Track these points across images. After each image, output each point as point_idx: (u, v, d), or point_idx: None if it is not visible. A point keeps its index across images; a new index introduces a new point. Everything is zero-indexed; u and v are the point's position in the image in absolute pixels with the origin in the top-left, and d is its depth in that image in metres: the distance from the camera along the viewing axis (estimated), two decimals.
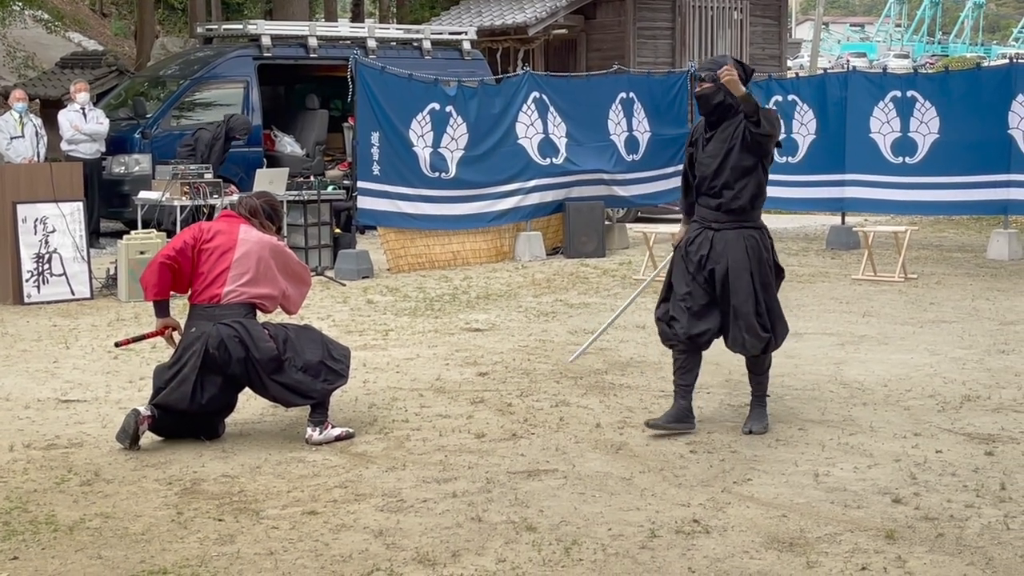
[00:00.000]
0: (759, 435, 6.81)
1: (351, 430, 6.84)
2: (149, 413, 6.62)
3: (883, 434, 6.85)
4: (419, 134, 14.28)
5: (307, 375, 6.74)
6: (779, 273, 7.10)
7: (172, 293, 6.94)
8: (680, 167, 18.19)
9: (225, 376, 6.70)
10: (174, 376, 6.66)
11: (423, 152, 14.30)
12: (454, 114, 14.59)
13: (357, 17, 37.95)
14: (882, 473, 6.10)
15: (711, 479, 6.02)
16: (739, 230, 6.85)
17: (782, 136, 16.30)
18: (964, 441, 6.70)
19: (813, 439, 6.74)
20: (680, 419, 6.86)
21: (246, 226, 6.91)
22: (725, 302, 6.79)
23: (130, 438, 6.55)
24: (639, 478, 6.04)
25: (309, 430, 6.74)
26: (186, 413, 6.68)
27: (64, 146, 15.88)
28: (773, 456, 6.41)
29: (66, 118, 15.88)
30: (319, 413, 6.77)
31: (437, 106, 14.44)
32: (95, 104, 16.94)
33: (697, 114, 17.45)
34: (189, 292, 6.90)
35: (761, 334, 6.77)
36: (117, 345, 7.65)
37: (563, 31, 26.55)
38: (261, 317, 6.98)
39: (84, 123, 15.83)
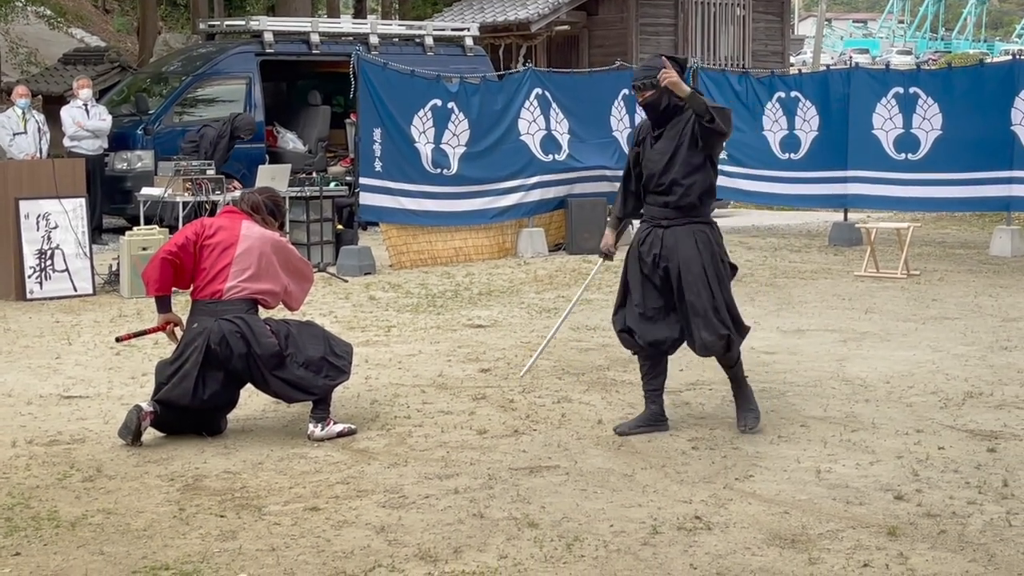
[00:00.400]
0: (762, 431, 6.80)
1: (353, 426, 6.84)
2: (151, 409, 6.62)
3: (885, 431, 6.84)
4: (421, 130, 14.27)
5: (309, 371, 6.73)
6: (732, 270, 6.96)
7: (174, 289, 6.94)
8: None
9: (227, 372, 6.70)
10: (176, 372, 6.66)
11: (425, 148, 14.30)
12: (456, 110, 14.59)
13: (359, 13, 37.93)
14: (884, 470, 6.10)
15: (713, 475, 6.02)
16: (689, 226, 6.73)
17: (784, 133, 16.46)
18: (966, 438, 6.70)
19: (815, 436, 6.74)
20: (650, 423, 6.81)
21: (248, 222, 6.91)
22: (681, 300, 6.67)
23: (132, 434, 6.55)
24: (641, 474, 6.04)
25: (311, 426, 6.74)
26: (188, 409, 6.68)
27: (67, 142, 15.88)
28: (775, 453, 6.41)
29: (69, 114, 15.88)
30: (321, 409, 6.77)
31: (439, 102, 14.43)
32: (97, 100, 16.94)
33: None
34: (191, 288, 6.90)
35: (720, 331, 6.63)
36: (118, 340, 7.66)
37: (565, 27, 26.55)
38: (263, 313, 6.97)
39: (87, 119, 15.83)
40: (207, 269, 6.78)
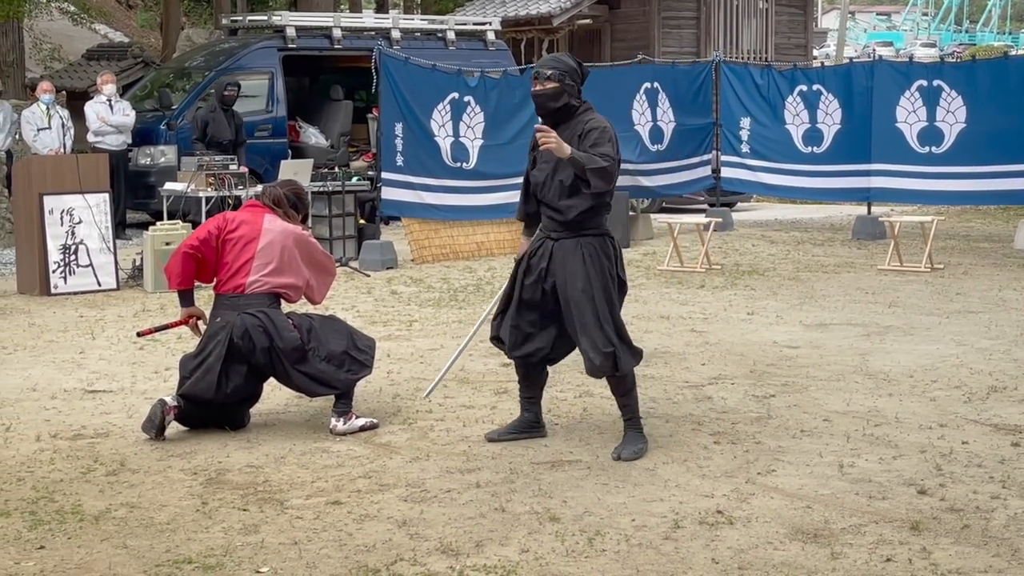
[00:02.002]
0: (777, 431, 6.79)
1: (375, 420, 6.86)
2: (175, 404, 6.65)
3: (908, 425, 6.82)
4: (440, 124, 14.27)
5: (331, 365, 6.76)
6: (622, 287, 6.47)
7: (197, 283, 6.97)
8: (705, 157, 18.28)
9: (250, 366, 6.73)
10: (199, 366, 6.70)
11: (444, 142, 14.30)
12: (472, 103, 14.58)
13: (381, 8, 37.95)
14: (907, 464, 6.08)
15: (735, 470, 6.00)
16: (578, 238, 6.30)
17: (807, 126, 16.41)
18: (990, 432, 6.67)
19: (838, 430, 6.72)
20: (523, 430, 6.61)
21: (271, 216, 6.92)
22: (568, 316, 6.29)
23: (156, 428, 6.58)
24: (662, 469, 6.03)
25: (333, 420, 6.77)
26: (211, 403, 6.71)
27: (91, 138, 15.95)
28: (797, 447, 6.39)
29: (92, 110, 15.94)
30: (343, 403, 6.79)
31: (457, 95, 14.43)
32: (121, 96, 17.00)
33: (724, 102, 17.49)
34: (214, 282, 6.92)
35: (605, 348, 6.17)
36: (140, 335, 7.69)
37: (587, 21, 26.50)
38: (286, 307, 6.99)
39: (111, 115, 15.89)
40: (229, 263, 6.80)
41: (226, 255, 6.81)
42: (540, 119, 6.44)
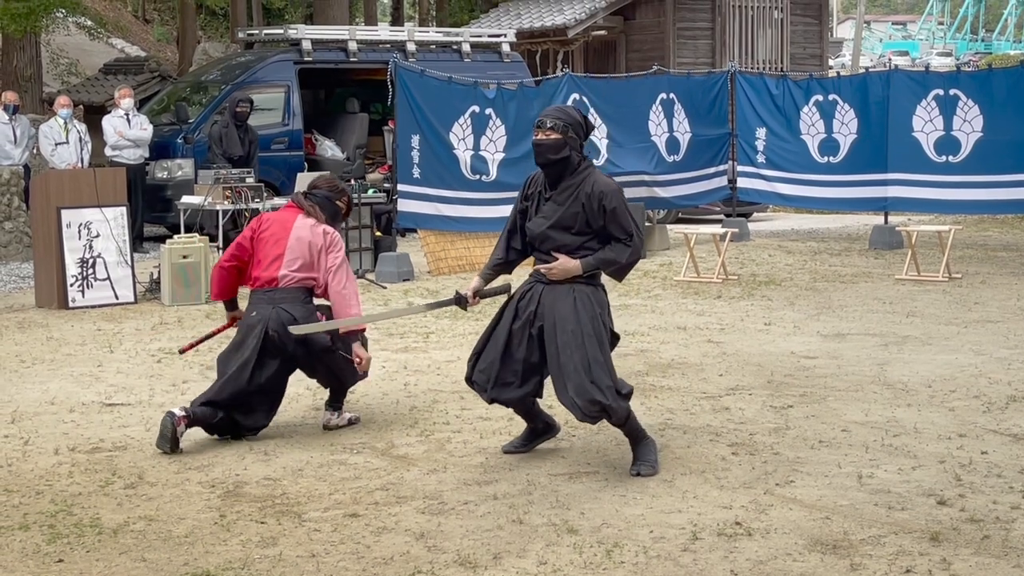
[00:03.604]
0: (795, 441, 6.77)
1: (358, 415, 7.27)
2: (184, 413, 6.71)
3: (927, 435, 6.79)
4: (460, 137, 14.29)
5: (349, 365, 7.03)
6: (614, 338, 6.29)
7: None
8: (721, 167, 18.25)
9: (282, 359, 6.92)
10: (235, 358, 6.88)
11: (464, 155, 14.32)
12: (493, 116, 14.60)
13: (396, 21, 38.05)
14: (927, 475, 6.05)
15: (753, 481, 5.99)
16: (571, 284, 6.12)
17: (823, 136, 16.39)
18: (1010, 442, 6.63)
19: (857, 440, 6.69)
20: (536, 437, 6.58)
21: (303, 217, 7.10)
22: (555, 361, 6.06)
23: (169, 442, 6.61)
24: (680, 480, 6.01)
25: (327, 414, 7.13)
26: (240, 398, 6.82)
27: (108, 152, 16.01)
28: (816, 458, 6.37)
29: (110, 124, 16.00)
30: (338, 400, 7.17)
31: (477, 108, 14.46)
32: (138, 110, 17.08)
33: (740, 112, 17.47)
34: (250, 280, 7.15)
35: (595, 396, 5.91)
36: (181, 352, 7.85)
37: (602, 32, 26.52)
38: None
39: (128, 129, 15.94)
40: (262, 260, 7.03)
41: (259, 252, 7.06)
42: (538, 168, 6.28)
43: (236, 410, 6.86)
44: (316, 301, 7.15)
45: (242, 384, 6.82)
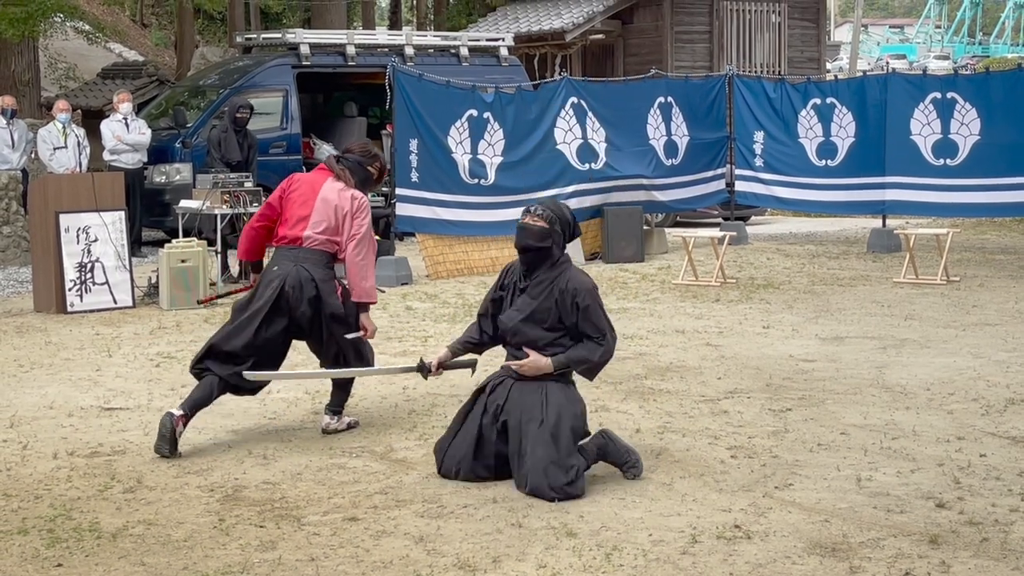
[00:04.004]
0: (794, 444, 6.77)
1: (357, 419, 7.20)
2: (181, 413, 6.71)
3: (926, 438, 6.79)
4: (458, 141, 14.31)
5: (353, 349, 7.04)
6: (584, 436, 6.13)
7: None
8: (719, 170, 18.25)
9: (289, 320, 6.89)
10: (248, 309, 6.89)
11: (462, 159, 14.34)
12: (491, 120, 14.62)
13: (394, 25, 38.09)
14: (925, 477, 6.05)
15: (752, 484, 5.99)
16: (541, 381, 6.07)
17: (821, 140, 16.40)
18: (1008, 445, 6.64)
19: (855, 443, 6.70)
20: None
21: (332, 180, 7.10)
22: (514, 454, 5.97)
23: (168, 443, 6.60)
24: (679, 483, 6.02)
25: (326, 418, 7.09)
26: (245, 351, 6.83)
27: (107, 156, 16.01)
28: (815, 461, 6.38)
29: (108, 128, 16.00)
30: (337, 403, 7.12)
31: (475, 112, 14.47)
32: (136, 114, 17.07)
33: (737, 115, 17.47)
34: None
35: (548, 496, 5.73)
36: (200, 303, 7.88)
37: (600, 36, 26.53)
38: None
39: (126, 133, 15.95)
40: (288, 219, 7.05)
41: (286, 211, 7.08)
42: (517, 252, 6.23)
43: (239, 362, 6.85)
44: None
45: (249, 335, 6.82)
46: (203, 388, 6.86)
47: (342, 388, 7.21)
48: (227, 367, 6.84)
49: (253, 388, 7.08)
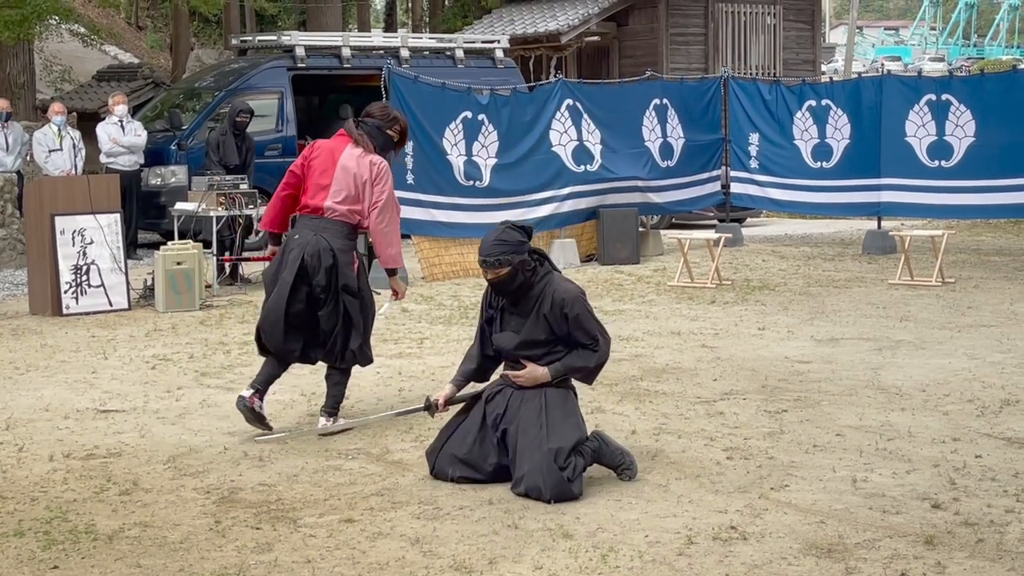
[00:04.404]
0: (790, 446, 6.78)
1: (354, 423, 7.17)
2: (252, 391, 6.89)
3: (921, 439, 6.80)
4: (453, 143, 14.31)
5: (358, 336, 7.04)
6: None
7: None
8: (715, 172, 18.24)
9: (309, 291, 6.92)
10: (278, 281, 6.97)
11: (457, 161, 14.34)
12: (486, 122, 14.62)
13: (390, 27, 38.10)
14: (921, 478, 6.06)
15: (748, 485, 5.99)
16: (541, 388, 6.09)
17: (816, 142, 16.42)
18: (1004, 446, 6.65)
19: (851, 444, 6.70)
20: None
21: (351, 147, 7.07)
22: (512, 457, 5.99)
23: (258, 422, 6.90)
24: (675, 485, 6.02)
25: (323, 420, 7.10)
26: (284, 318, 6.92)
27: (103, 159, 16.02)
28: (810, 462, 6.38)
29: (104, 131, 16.00)
30: (332, 405, 7.13)
31: (470, 114, 14.48)
32: (132, 116, 17.07)
33: (733, 117, 17.47)
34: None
35: (544, 498, 5.74)
36: (219, 259, 7.99)
37: (596, 38, 26.55)
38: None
39: (122, 136, 15.94)
40: (309, 188, 7.08)
41: (308, 179, 7.10)
42: (496, 295, 6.22)
43: (280, 338, 6.97)
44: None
45: (282, 305, 6.89)
46: (269, 364, 7.07)
47: (337, 389, 7.20)
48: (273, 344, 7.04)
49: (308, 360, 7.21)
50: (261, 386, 7.00)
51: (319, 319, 7.01)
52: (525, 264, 6.06)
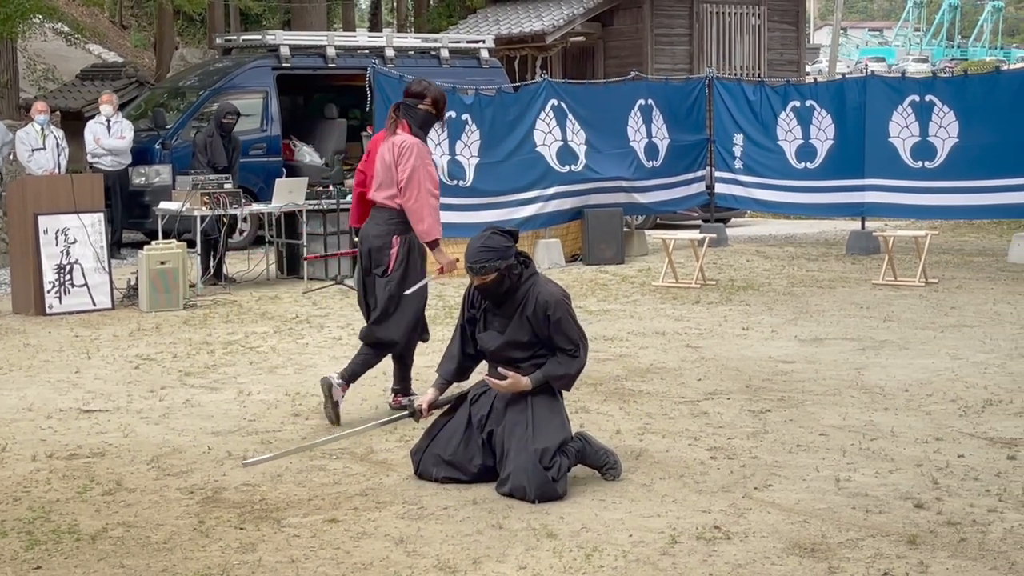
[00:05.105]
0: (773, 446, 6.80)
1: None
2: (339, 382, 7.17)
3: (904, 439, 6.82)
4: (436, 142, 14.30)
5: (387, 315, 7.26)
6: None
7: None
8: (700, 173, 18.24)
9: (364, 272, 7.33)
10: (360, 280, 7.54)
11: (441, 160, 14.32)
12: (470, 122, 14.61)
13: (375, 26, 38.06)
14: (904, 478, 6.08)
15: (732, 485, 6.01)
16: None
17: (800, 142, 16.45)
18: (986, 445, 6.67)
19: (834, 444, 6.72)
20: None
21: (389, 135, 7.31)
22: (499, 457, 6.00)
23: (331, 412, 7.17)
24: (659, 484, 6.03)
25: (402, 398, 7.50)
26: (370, 304, 7.39)
27: (88, 159, 15.99)
28: (794, 462, 6.40)
29: (90, 131, 15.96)
30: (400, 380, 7.56)
31: (454, 114, 14.46)
32: (120, 116, 17.01)
33: (717, 118, 17.49)
34: None
35: (528, 497, 5.74)
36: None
37: (581, 38, 26.57)
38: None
39: (106, 136, 15.87)
40: (370, 180, 7.45)
41: (368, 172, 7.49)
42: (480, 297, 6.23)
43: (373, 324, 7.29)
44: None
45: (361, 294, 7.45)
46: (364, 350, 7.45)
47: (403, 365, 7.53)
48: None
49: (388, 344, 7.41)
50: (347, 377, 7.28)
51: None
52: (512, 268, 6.07)
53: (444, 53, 19.34)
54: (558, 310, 6.05)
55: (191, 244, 12.87)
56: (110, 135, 15.90)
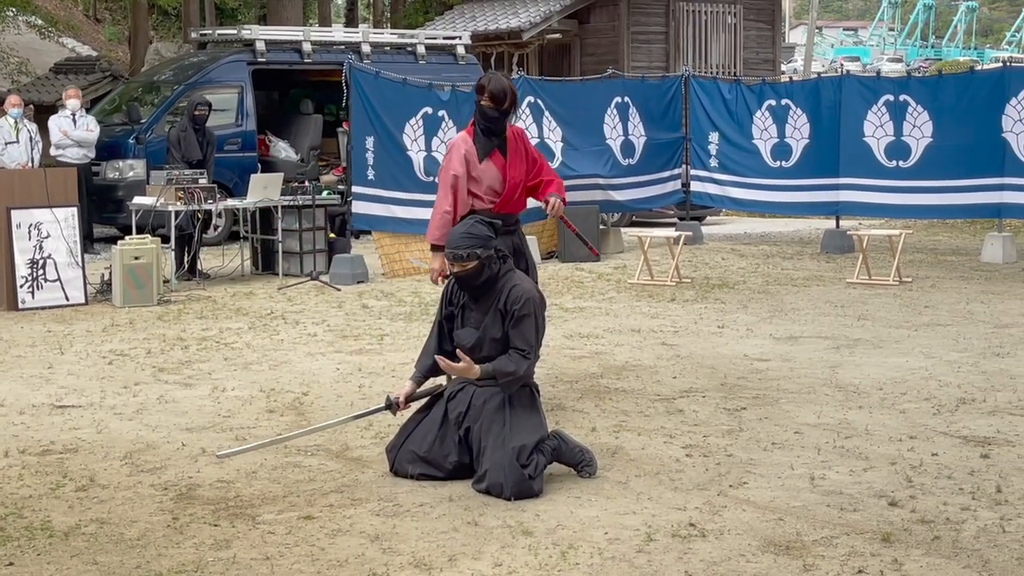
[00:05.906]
0: (748, 443, 6.81)
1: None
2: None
3: (879, 437, 6.85)
4: (413, 138, 14.27)
5: None
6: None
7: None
8: (675, 171, 18.26)
9: None
10: None
11: (417, 156, 14.30)
12: (446, 118, 14.59)
13: (351, 22, 37.96)
14: (878, 476, 6.10)
15: (707, 483, 6.02)
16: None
17: (775, 141, 16.51)
18: (960, 444, 6.70)
19: (809, 442, 6.74)
20: None
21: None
22: (476, 453, 5.99)
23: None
24: (635, 482, 6.03)
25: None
26: None
27: (53, 151, 15.89)
28: (769, 459, 6.41)
29: (55, 124, 15.87)
30: None
31: (430, 110, 14.44)
32: (88, 110, 16.92)
33: (693, 116, 17.50)
34: None
35: (504, 494, 5.74)
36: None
37: (557, 35, 26.57)
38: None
39: (73, 129, 15.79)
40: None
41: None
42: (460, 289, 6.23)
43: None
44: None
45: None
46: None
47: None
48: None
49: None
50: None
51: None
52: (492, 259, 6.08)
53: (420, 49, 19.31)
54: (527, 307, 6.05)
55: (165, 239, 12.81)
56: (76, 128, 15.78)
